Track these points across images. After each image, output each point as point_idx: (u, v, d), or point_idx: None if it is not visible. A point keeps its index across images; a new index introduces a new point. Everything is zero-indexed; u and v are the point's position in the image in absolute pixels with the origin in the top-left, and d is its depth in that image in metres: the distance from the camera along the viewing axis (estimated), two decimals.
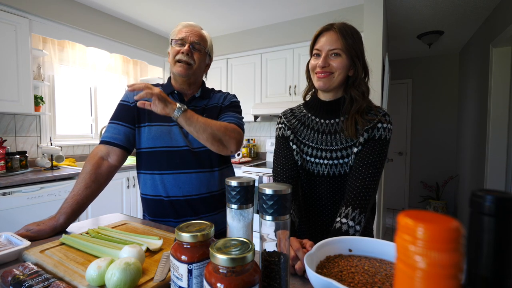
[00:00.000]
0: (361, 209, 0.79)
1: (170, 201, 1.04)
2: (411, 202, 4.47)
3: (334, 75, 0.87)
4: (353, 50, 0.86)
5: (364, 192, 0.81)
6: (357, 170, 0.84)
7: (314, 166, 0.92)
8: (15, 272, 0.58)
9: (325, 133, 0.92)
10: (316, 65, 0.89)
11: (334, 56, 0.86)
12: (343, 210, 0.80)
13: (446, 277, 0.22)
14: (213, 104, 1.14)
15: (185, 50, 1.03)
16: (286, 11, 2.86)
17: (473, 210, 0.26)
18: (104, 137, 1.04)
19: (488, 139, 2.79)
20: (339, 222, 0.79)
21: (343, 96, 0.91)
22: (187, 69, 1.05)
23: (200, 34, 1.09)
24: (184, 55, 1.03)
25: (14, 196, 1.94)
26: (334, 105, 0.92)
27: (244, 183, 0.50)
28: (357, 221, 0.78)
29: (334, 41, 0.86)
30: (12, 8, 2.20)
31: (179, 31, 1.07)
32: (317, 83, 0.89)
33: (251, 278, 0.41)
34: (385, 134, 0.86)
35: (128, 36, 3.17)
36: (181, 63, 1.04)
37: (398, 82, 4.45)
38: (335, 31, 0.87)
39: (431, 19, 2.96)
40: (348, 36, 0.86)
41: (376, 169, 0.83)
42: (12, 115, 2.45)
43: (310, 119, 0.96)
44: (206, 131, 0.92)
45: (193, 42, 1.05)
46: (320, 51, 0.88)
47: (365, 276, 0.52)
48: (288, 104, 2.90)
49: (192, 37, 1.05)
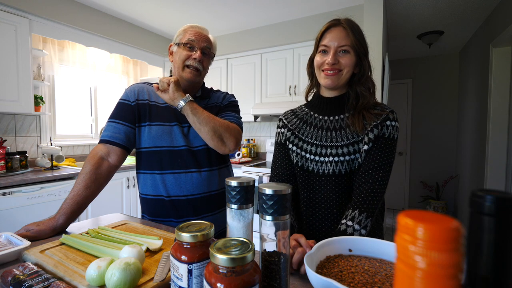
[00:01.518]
0: (368, 213, 0.76)
1: (171, 200, 1.03)
2: (411, 202, 4.47)
3: (343, 72, 0.84)
4: (361, 47, 0.84)
5: (373, 196, 0.78)
6: (366, 173, 0.81)
7: (318, 165, 0.87)
8: (15, 272, 0.58)
9: (329, 130, 0.88)
10: (323, 62, 0.85)
11: (343, 53, 0.84)
12: (350, 213, 0.77)
13: (446, 277, 0.22)
14: (212, 103, 1.15)
15: (197, 56, 1.04)
16: (286, 11, 2.86)
17: (473, 210, 0.26)
18: (104, 136, 1.03)
19: (488, 139, 2.79)
20: (344, 225, 0.76)
21: (347, 92, 0.89)
22: (196, 76, 1.06)
23: (208, 38, 1.09)
24: (196, 61, 1.04)
25: (14, 196, 1.94)
26: (338, 101, 0.89)
27: (244, 183, 0.50)
28: (363, 225, 0.75)
29: (343, 38, 0.83)
30: (12, 8, 2.20)
31: (187, 32, 1.06)
32: (325, 80, 0.86)
33: (251, 278, 0.40)
34: (394, 133, 0.83)
35: (128, 36, 3.17)
36: (190, 68, 1.05)
37: (398, 82, 4.45)
38: (344, 27, 0.84)
39: (431, 19, 2.96)
40: (356, 32, 0.84)
41: (386, 172, 0.80)
42: (12, 115, 2.45)
43: (312, 117, 0.93)
44: (208, 124, 0.95)
45: (203, 48, 1.06)
46: (328, 47, 0.84)
47: (365, 276, 0.52)
48: (288, 104, 2.92)
49: (202, 42, 1.06)
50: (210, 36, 1.11)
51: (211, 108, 1.13)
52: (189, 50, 1.05)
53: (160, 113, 1.06)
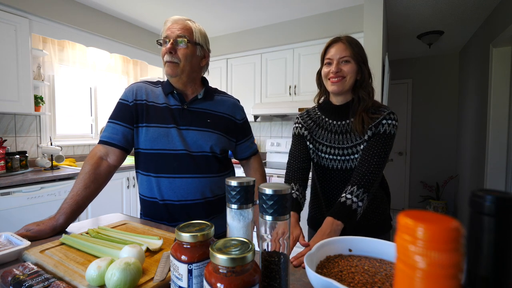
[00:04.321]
0: (365, 189, 0.89)
1: (165, 204, 1.02)
2: (411, 202, 4.47)
3: (346, 79, 0.99)
4: (359, 56, 0.99)
5: (369, 175, 0.91)
6: (363, 159, 0.95)
7: (328, 161, 1.06)
8: (15, 272, 0.58)
9: (337, 133, 1.04)
10: (329, 71, 1.01)
11: (344, 62, 0.99)
12: (349, 188, 0.91)
13: (446, 277, 0.22)
14: (221, 113, 1.11)
15: (167, 48, 0.98)
16: (286, 11, 2.85)
17: (473, 210, 0.26)
18: (103, 137, 1.02)
19: (488, 139, 2.79)
20: (344, 197, 0.89)
21: (352, 99, 1.03)
22: (173, 68, 1.00)
23: (184, 25, 1.00)
24: (168, 55, 0.99)
25: (14, 196, 1.94)
26: (344, 108, 1.05)
27: (244, 183, 0.50)
28: (360, 198, 0.88)
29: (343, 50, 0.99)
30: (12, 8, 2.20)
31: (165, 28, 1.03)
32: (331, 87, 1.01)
33: (251, 278, 0.40)
34: (390, 129, 0.96)
35: (128, 36, 3.17)
36: (168, 63, 1.01)
37: (398, 82, 4.45)
38: (343, 41, 1.00)
39: (431, 19, 2.96)
40: (354, 45, 1.00)
41: (381, 159, 0.94)
42: (12, 115, 2.45)
43: (324, 120, 1.09)
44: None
45: (176, 37, 0.99)
46: (331, 59, 1.00)
47: (365, 276, 0.52)
48: (288, 104, 2.92)
49: (174, 32, 0.99)
50: (187, 23, 1.02)
51: (221, 118, 1.09)
52: (165, 45, 1.01)
53: (157, 114, 1.04)
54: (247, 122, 1.21)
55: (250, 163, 1.25)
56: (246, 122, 1.20)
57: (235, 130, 1.14)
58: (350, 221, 0.85)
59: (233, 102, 1.17)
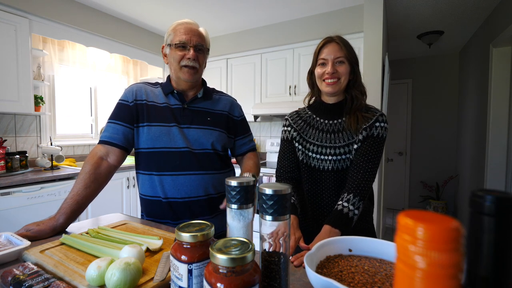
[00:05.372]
0: (361, 197, 0.90)
1: (168, 202, 1.03)
2: (411, 202, 4.47)
3: (341, 80, 0.99)
4: (353, 57, 1.00)
5: (364, 183, 0.92)
6: (357, 165, 0.95)
7: (319, 162, 1.02)
8: (15, 272, 0.58)
9: (329, 132, 1.02)
10: (323, 72, 0.99)
11: (339, 63, 0.98)
12: (345, 196, 0.91)
13: (446, 277, 0.22)
14: (219, 110, 1.14)
15: (191, 56, 1.02)
16: (286, 11, 2.85)
17: (473, 210, 0.26)
18: (103, 136, 1.03)
19: (488, 139, 2.79)
20: (341, 205, 0.89)
21: (344, 98, 1.03)
22: (193, 74, 1.05)
23: (200, 33, 1.06)
24: (191, 60, 1.03)
25: (14, 196, 1.94)
26: (337, 107, 1.03)
27: (244, 183, 0.50)
28: (356, 206, 0.89)
29: (337, 51, 0.98)
30: (12, 8, 2.19)
31: (177, 31, 1.04)
32: (327, 88, 1.00)
33: (251, 278, 0.40)
34: (382, 132, 0.97)
35: (128, 36, 3.17)
36: (187, 68, 1.03)
37: (398, 82, 4.45)
38: (337, 42, 0.99)
39: (431, 19, 2.96)
40: (347, 46, 1.00)
41: (374, 164, 0.95)
42: (12, 115, 2.45)
43: (315, 120, 1.07)
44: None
45: (196, 45, 1.04)
46: (326, 60, 0.99)
47: (365, 276, 0.52)
48: (288, 104, 2.92)
49: (194, 40, 1.03)
50: (201, 30, 1.08)
51: (219, 116, 1.12)
52: (182, 50, 1.03)
53: (158, 113, 1.05)
54: (245, 120, 1.23)
55: (245, 156, 1.24)
56: (244, 120, 1.22)
57: (233, 127, 1.17)
58: (346, 229, 0.86)
59: (230, 100, 1.20)
